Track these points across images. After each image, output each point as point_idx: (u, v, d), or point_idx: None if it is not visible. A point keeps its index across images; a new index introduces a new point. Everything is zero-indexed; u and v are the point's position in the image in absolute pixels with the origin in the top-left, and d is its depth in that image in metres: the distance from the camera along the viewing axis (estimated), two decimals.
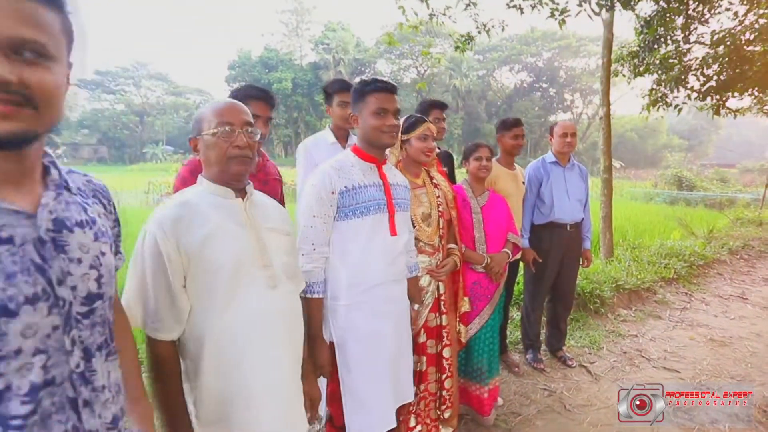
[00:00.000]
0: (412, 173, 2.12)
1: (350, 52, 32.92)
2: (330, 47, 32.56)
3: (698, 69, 7.12)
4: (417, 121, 2.06)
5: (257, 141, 1.25)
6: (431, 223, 2.09)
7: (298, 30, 35.51)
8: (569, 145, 2.98)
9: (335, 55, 31.55)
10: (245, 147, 1.20)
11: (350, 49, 32.94)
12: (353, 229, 1.63)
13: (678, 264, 5.46)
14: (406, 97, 35.09)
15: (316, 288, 1.60)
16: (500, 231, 2.49)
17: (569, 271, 3.12)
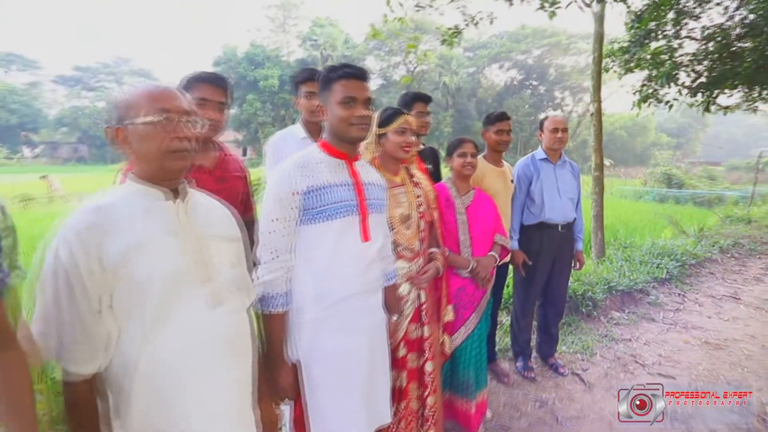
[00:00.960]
0: (390, 171, 1.93)
1: (339, 48, 32.52)
2: (318, 43, 32.12)
3: (689, 65, 7.05)
4: (394, 113, 1.87)
5: (210, 129, 1.05)
6: (411, 226, 1.90)
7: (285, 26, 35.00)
8: (560, 141, 2.82)
9: (323, 51, 31.13)
10: (187, 139, 1.00)
11: (338, 46, 32.55)
12: (320, 234, 1.43)
13: (670, 264, 5.35)
14: (396, 95, 34.89)
15: (277, 301, 1.41)
16: (487, 232, 2.31)
17: (561, 273, 2.96)
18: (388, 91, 35.59)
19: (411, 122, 1.87)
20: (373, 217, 1.55)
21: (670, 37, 6.70)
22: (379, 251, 1.59)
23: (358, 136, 1.47)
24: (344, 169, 1.52)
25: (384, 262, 1.73)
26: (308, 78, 2.16)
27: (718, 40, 6.66)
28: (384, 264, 1.73)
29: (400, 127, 1.85)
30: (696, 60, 6.99)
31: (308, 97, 2.17)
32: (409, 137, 1.86)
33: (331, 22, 33.58)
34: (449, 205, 2.26)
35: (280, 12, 34.76)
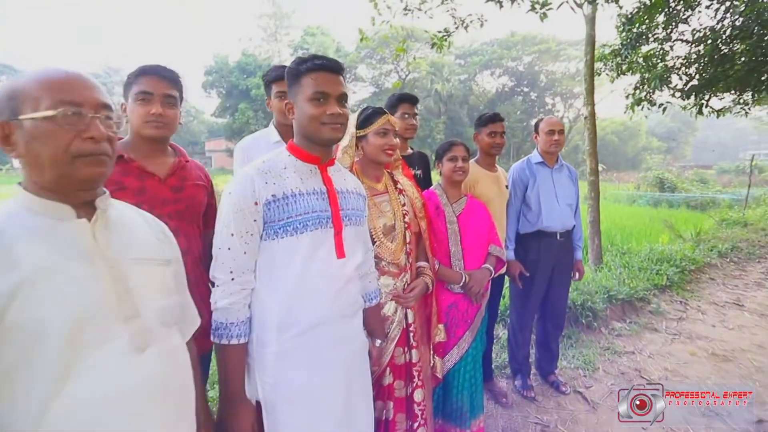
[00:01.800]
0: (372, 177, 1.74)
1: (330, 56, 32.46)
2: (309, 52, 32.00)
3: (681, 68, 6.98)
4: (374, 113, 1.68)
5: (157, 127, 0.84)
6: (395, 238, 1.70)
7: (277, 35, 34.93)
8: (557, 143, 2.64)
9: None
10: (102, 140, 0.80)
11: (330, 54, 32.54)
12: (285, 251, 1.23)
13: (670, 270, 5.18)
14: None
15: (235, 330, 1.19)
16: (480, 243, 2.11)
17: (560, 285, 2.77)
18: (380, 99, 35.51)
19: (393, 123, 1.69)
20: (350, 230, 1.35)
21: (661, 40, 6.63)
22: (358, 269, 1.39)
23: (331, 137, 1.28)
24: (315, 176, 1.32)
25: (364, 280, 1.53)
26: (279, 77, 1.97)
27: (709, 43, 6.60)
28: (364, 282, 1.53)
29: (381, 128, 1.66)
30: (687, 63, 6.93)
31: (280, 97, 1.98)
32: (392, 139, 1.67)
33: (323, 30, 33.60)
34: (439, 214, 2.07)
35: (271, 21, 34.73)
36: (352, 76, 36.44)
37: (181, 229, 1.35)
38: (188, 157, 1.52)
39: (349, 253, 1.33)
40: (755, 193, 13.89)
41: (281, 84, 1.96)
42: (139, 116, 1.36)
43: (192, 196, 1.44)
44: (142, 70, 1.35)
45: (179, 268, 0.96)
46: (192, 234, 1.43)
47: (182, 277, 0.98)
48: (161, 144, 1.44)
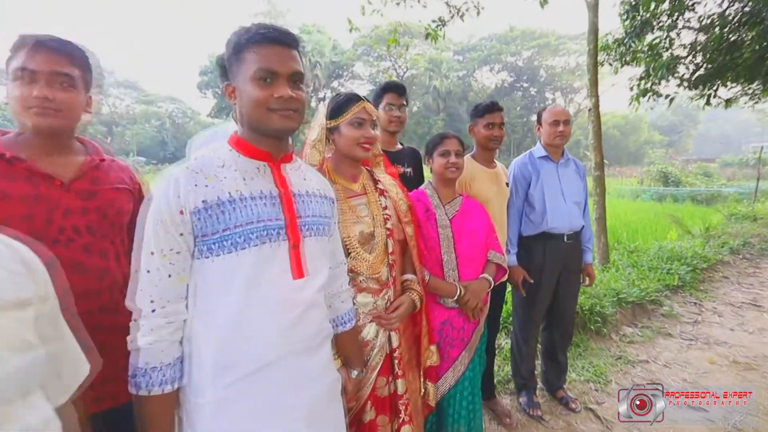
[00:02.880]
0: (346, 176, 1.47)
1: (327, 55, 32.12)
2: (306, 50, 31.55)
3: (687, 57, 6.68)
4: (347, 100, 1.41)
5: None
6: (375, 248, 1.43)
7: None
8: (562, 135, 2.37)
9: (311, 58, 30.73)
10: None
11: (327, 52, 32.14)
12: (223, 273, 0.96)
13: (681, 268, 4.91)
14: None
15: (156, 377, 0.93)
16: (477, 249, 1.84)
17: (568, 292, 2.49)
18: None
19: (371, 111, 1.42)
20: (312, 242, 1.09)
21: (667, 28, 6.33)
22: (323, 290, 1.12)
23: (282, 126, 1.01)
24: (265, 175, 1.05)
25: (335, 300, 1.26)
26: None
27: (716, 31, 6.31)
28: (335, 304, 1.26)
29: (355, 117, 1.39)
30: (694, 51, 6.63)
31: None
32: (369, 131, 1.40)
33: (319, 28, 33.25)
34: (429, 217, 1.80)
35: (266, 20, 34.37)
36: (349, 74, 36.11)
37: (94, 247, 1.09)
38: (105, 154, 1.23)
39: (311, 270, 1.06)
40: (762, 186, 13.58)
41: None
42: (16, 100, 1.05)
43: (109, 203, 1.15)
44: (23, 40, 1.05)
45: (48, 308, 0.69)
46: (110, 252, 1.15)
47: (54, 320, 0.71)
48: (59, 138, 1.13)
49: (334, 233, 1.25)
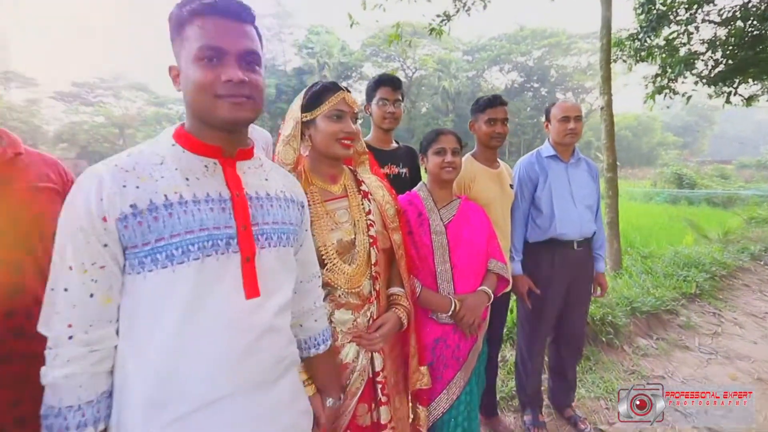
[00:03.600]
0: (324, 176, 1.30)
1: (335, 55, 32.06)
2: (314, 51, 31.66)
3: (706, 52, 6.39)
4: (324, 89, 1.24)
5: None
6: (355, 258, 1.26)
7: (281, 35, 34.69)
8: (572, 132, 2.17)
9: (320, 59, 30.67)
10: None
11: (335, 53, 32.07)
12: (157, 292, 0.79)
13: (699, 276, 4.65)
14: None
15: (73, 419, 0.76)
16: (476, 258, 1.66)
17: (578, 303, 2.29)
18: None
19: (351, 102, 1.24)
20: (271, 254, 0.92)
21: (684, 22, 6.05)
22: (284, 311, 0.95)
23: (232, 116, 0.84)
24: (214, 175, 0.88)
25: (306, 320, 1.10)
26: None
27: (738, 24, 6.01)
28: (307, 323, 1.10)
29: (333, 109, 1.22)
30: (714, 46, 6.33)
31: None
32: (349, 124, 1.23)
33: (327, 29, 33.20)
34: (422, 222, 1.62)
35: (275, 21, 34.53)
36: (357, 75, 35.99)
37: (4, 259, 0.93)
38: (22, 148, 1.06)
39: (269, 288, 0.90)
40: None
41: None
42: None
43: (24, 205, 0.99)
44: None
45: None
46: (26, 265, 0.99)
47: None
48: None
49: (305, 242, 1.08)
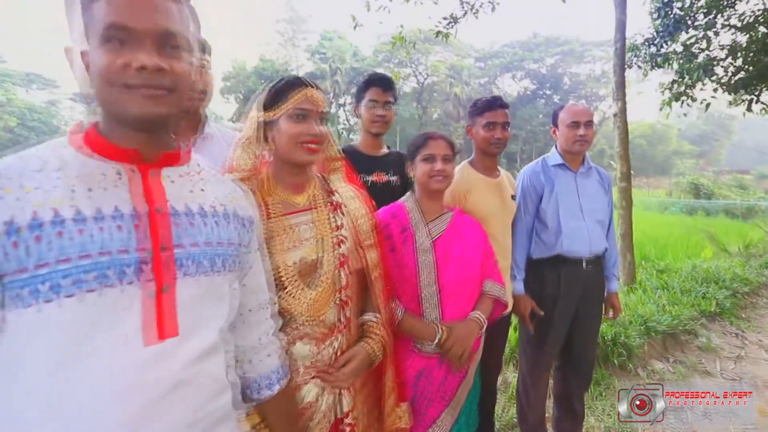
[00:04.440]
0: (287, 185, 1.13)
1: (347, 61, 32.19)
2: (326, 56, 31.85)
3: (726, 57, 6.11)
4: (287, 85, 1.07)
5: None
6: (319, 281, 1.08)
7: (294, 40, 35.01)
8: (583, 139, 1.97)
9: (332, 64, 30.81)
10: None
11: (347, 58, 32.20)
12: (31, 333, 0.62)
13: (719, 292, 4.36)
14: (407, 107, 34.33)
15: None
16: (468, 279, 1.46)
17: (587, 328, 2.07)
18: (399, 103, 34.83)
19: (316, 100, 1.07)
20: (195, 284, 0.74)
21: (704, 26, 5.79)
22: (209, 356, 0.77)
23: (143, 112, 0.67)
24: (128, 184, 0.71)
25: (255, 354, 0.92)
26: None
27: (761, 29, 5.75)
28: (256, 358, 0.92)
29: (296, 108, 1.05)
30: (735, 52, 6.05)
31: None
32: (313, 126, 1.06)
33: (340, 35, 33.38)
34: (406, 238, 1.43)
35: (289, 26, 34.83)
36: None
37: None
38: None
39: (188, 327, 0.72)
40: None
41: None
42: None
43: None
44: None
45: None
46: None
47: None
48: None
49: (254, 266, 0.90)
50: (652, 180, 32.70)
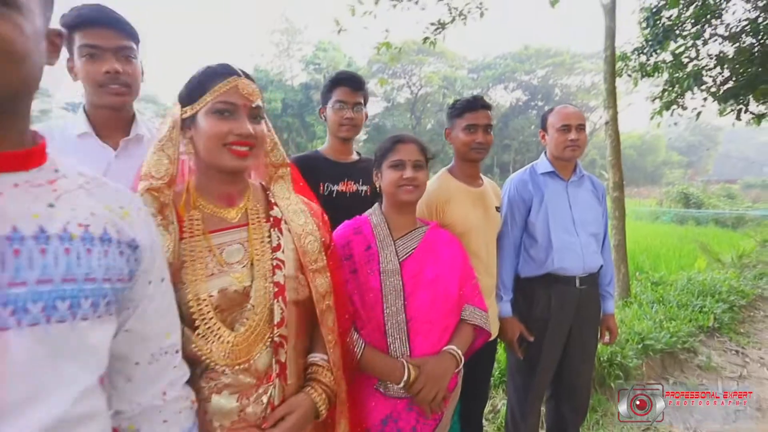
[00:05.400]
0: (215, 197, 0.91)
1: None
2: (321, 67, 31.73)
3: (714, 67, 6.06)
4: (210, 75, 0.87)
5: None
6: (248, 318, 0.86)
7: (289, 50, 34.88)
8: (574, 144, 1.78)
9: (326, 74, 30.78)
10: None
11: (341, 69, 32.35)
12: None
13: (716, 306, 4.19)
14: (401, 117, 34.32)
15: None
16: (442, 305, 1.24)
17: (582, 352, 1.86)
18: (392, 113, 35.02)
19: (248, 92, 0.87)
20: (39, 335, 0.52)
21: (693, 36, 5.74)
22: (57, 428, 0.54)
23: None
24: None
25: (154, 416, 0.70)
26: (84, 22, 1.15)
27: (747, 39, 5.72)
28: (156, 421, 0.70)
29: (220, 101, 0.84)
30: (722, 62, 6.01)
31: (90, 56, 1.16)
32: (243, 124, 0.85)
33: (334, 46, 33.39)
34: (370, 258, 1.21)
35: (284, 37, 34.72)
36: None
37: None
38: None
39: (27, 395, 0.50)
40: None
41: (90, 34, 1.15)
42: None
43: None
44: None
45: None
46: None
47: None
48: None
49: (145, 305, 0.68)
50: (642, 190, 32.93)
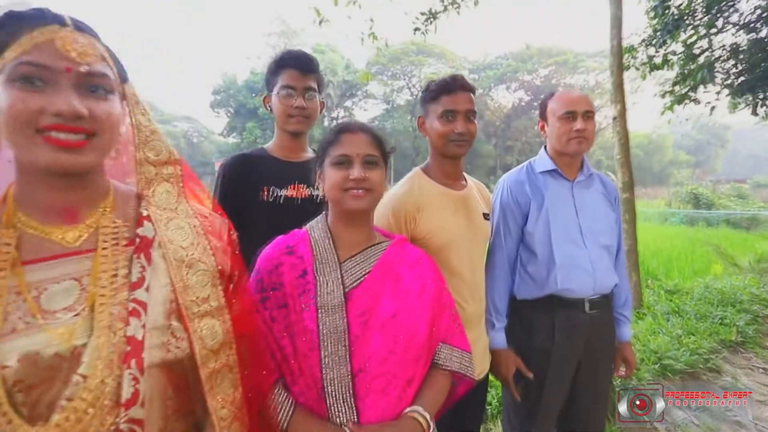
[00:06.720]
0: (46, 210, 0.60)
1: (339, 74, 31.93)
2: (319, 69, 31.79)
3: (728, 58, 5.72)
4: (10, 25, 0.56)
5: None
6: (73, 397, 0.54)
7: None
8: (581, 136, 1.46)
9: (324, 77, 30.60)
10: None
11: (339, 71, 31.92)
12: None
13: (739, 317, 3.83)
14: (401, 119, 34.03)
15: None
16: (406, 349, 0.92)
17: (593, 392, 1.53)
18: (392, 115, 34.76)
19: (74, 48, 0.56)
20: None
21: (705, 25, 5.40)
22: None
23: None
24: None
25: None
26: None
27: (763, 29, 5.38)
28: None
29: (23, 61, 0.53)
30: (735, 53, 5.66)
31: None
32: (68, 98, 0.54)
33: (332, 48, 33.24)
34: (306, 288, 0.89)
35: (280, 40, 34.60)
36: (363, 93, 35.88)
37: None
38: None
39: None
40: None
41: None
42: None
43: None
44: None
45: None
46: None
47: None
48: None
49: None
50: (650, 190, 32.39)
